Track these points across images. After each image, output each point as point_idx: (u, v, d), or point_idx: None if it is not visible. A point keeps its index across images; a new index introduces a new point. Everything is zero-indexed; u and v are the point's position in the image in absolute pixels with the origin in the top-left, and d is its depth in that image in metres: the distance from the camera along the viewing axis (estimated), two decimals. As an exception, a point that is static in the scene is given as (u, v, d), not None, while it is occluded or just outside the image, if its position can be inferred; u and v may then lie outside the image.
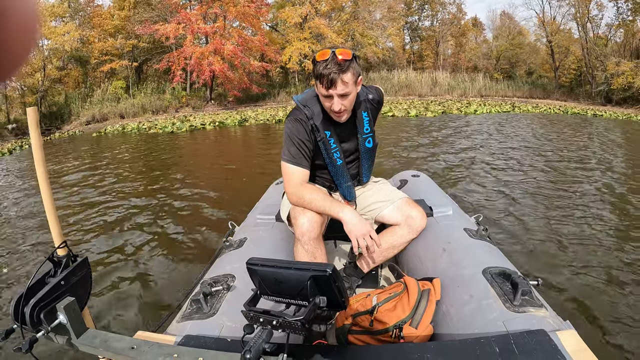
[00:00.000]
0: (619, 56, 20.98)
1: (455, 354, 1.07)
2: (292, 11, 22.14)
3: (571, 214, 4.14)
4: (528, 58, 29.04)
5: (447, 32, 29.71)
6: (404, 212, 1.86)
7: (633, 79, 18.92)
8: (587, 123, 13.27)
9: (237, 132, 13.40)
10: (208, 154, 9.63)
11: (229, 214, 4.32)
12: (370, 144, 1.90)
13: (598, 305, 2.54)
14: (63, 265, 1.23)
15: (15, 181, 7.50)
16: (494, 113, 16.45)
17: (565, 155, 7.37)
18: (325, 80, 1.56)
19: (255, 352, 0.86)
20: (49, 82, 18.87)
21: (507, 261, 1.64)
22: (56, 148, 11.89)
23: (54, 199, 1.25)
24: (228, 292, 1.48)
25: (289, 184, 1.75)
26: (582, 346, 1.09)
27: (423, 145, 8.71)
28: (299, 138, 1.74)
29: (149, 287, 2.99)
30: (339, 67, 1.54)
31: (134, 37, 20.75)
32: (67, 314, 1.12)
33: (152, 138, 12.63)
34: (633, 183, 5.39)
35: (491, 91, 24.63)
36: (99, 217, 4.67)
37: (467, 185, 5.41)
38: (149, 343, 1.10)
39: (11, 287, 3.09)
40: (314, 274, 0.91)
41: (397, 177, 2.97)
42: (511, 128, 11.65)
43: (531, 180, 5.55)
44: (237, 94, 20.06)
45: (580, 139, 9.61)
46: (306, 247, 1.69)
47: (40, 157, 1.19)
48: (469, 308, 1.37)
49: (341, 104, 1.62)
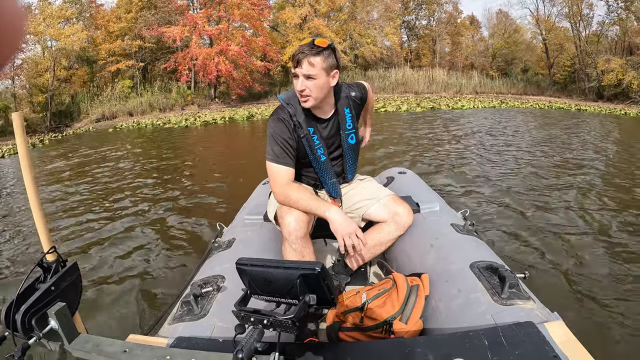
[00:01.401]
0: (610, 53, 21.35)
1: (445, 347, 1.09)
2: (292, 12, 22.59)
3: (555, 207, 4.20)
4: (524, 56, 29.33)
5: (443, 31, 29.97)
6: (390, 209, 1.88)
7: (623, 76, 19.25)
8: (569, 117, 13.77)
9: (245, 126, 14.51)
10: (214, 149, 10.06)
11: (220, 215, 4.31)
12: (354, 140, 1.92)
13: (586, 295, 2.59)
14: (53, 270, 1.22)
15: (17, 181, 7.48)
16: (480, 108, 16.90)
17: (548, 149, 7.51)
18: (294, 59, 1.64)
19: (247, 352, 0.87)
20: (58, 82, 19.08)
21: (494, 255, 1.66)
22: (70, 143, 12.50)
23: (41, 204, 1.24)
24: (218, 293, 1.48)
25: (275, 183, 1.76)
26: (570, 337, 1.11)
27: (403, 136, 9.11)
28: (282, 137, 1.75)
29: (140, 289, 2.97)
30: (310, 50, 1.61)
31: (139, 38, 21.07)
32: (59, 319, 1.12)
33: (168, 132, 13.63)
34: (615, 172, 5.50)
35: (486, 88, 24.98)
36: (89, 219, 4.63)
37: (442, 174, 5.54)
38: (141, 346, 1.10)
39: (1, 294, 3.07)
40: (303, 272, 0.92)
41: (384, 175, 2.98)
42: (494, 122, 12.03)
43: (515, 173, 5.64)
44: (241, 92, 20.52)
45: (564, 131, 9.92)
46: (294, 246, 1.70)
47: (27, 162, 1.18)
48: (458, 302, 1.38)
49: (305, 85, 1.65)
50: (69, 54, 19.26)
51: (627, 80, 18.94)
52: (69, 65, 20.11)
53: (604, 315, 2.38)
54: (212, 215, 4.38)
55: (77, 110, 18.79)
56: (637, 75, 18.63)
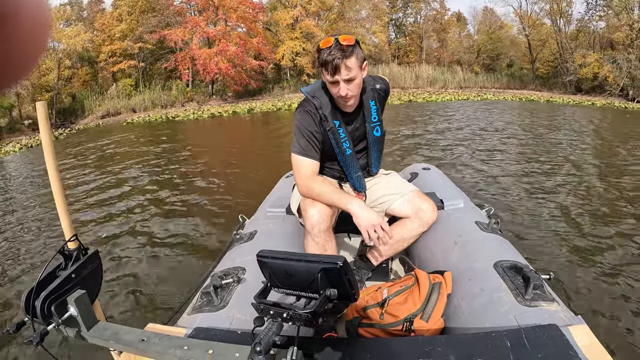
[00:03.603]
0: (591, 49, 22.69)
1: (467, 347, 1.06)
2: (284, 13, 23.72)
3: (582, 207, 4.09)
4: (509, 51, 30.11)
5: (430, 28, 30.75)
6: (414, 205, 1.85)
7: (598, 70, 20.35)
8: (534, 107, 15.40)
9: (247, 118, 15.65)
10: (225, 140, 10.78)
11: (240, 207, 4.33)
12: (379, 133, 1.89)
13: (610, 300, 2.52)
14: (74, 258, 1.23)
15: (35, 173, 7.66)
16: (454, 101, 18.03)
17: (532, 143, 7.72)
18: (329, 67, 1.57)
19: (266, 345, 0.86)
20: (61, 81, 20.06)
21: (518, 255, 1.62)
22: (85, 137, 13.07)
23: (64, 192, 1.25)
24: (238, 285, 1.48)
25: (299, 175, 1.75)
26: (594, 341, 1.08)
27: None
28: (308, 130, 1.74)
29: (160, 280, 3.01)
30: (343, 53, 1.55)
31: (141, 41, 22.07)
32: (78, 306, 1.12)
33: (180, 125, 14.56)
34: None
35: (470, 83, 25.66)
36: (112, 208, 4.72)
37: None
38: (159, 335, 1.10)
39: (22, 281, 3.13)
40: (325, 267, 0.90)
41: (408, 170, 2.95)
42: (461, 114, 13.10)
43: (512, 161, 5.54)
44: (238, 89, 21.66)
45: (542, 122, 10.82)
46: (316, 239, 1.68)
47: (50, 150, 1.19)
48: (480, 301, 1.35)
49: (347, 89, 1.61)
50: (71, 54, 20.21)
51: (602, 74, 20.00)
52: (72, 65, 21.04)
53: (629, 322, 2.31)
54: (234, 207, 4.41)
55: (80, 108, 19.74)
56: (611, 69, 19.61)
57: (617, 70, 19.47)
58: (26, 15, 0.21)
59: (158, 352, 1.04)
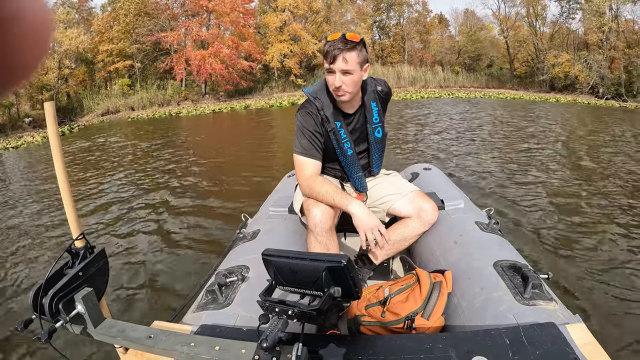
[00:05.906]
0: (563, 50, 24.18)
1: (467, 344, 1.08)
2: (273, 17, 24.71)
3: (582, 208, 4.12)
4: (489, 52, 31.31)
5: (412, 30, 31.56)
6: (415, 205, 1.87)
7: (569, 69, 21.69)
8: (506, 103, 16.66)
9: (244, 114, 16.70)
10: (228, 136, 11.30)
11: (243, 206, 4.36)
12: (380, 134, 1.91)
13: (607, 300, 2.54)
14: (81, 256, 1.24)
15: (39, 171, 7.68)
16: (425, 98, 19.21)
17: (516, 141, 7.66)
18: (329, 55, 1.62)
19: (272, 341, 0.87)
20: (60, 80, 20.53)
21: (518, 255, 1.64)
22: (91, 133, 13.21)
23: (71, 191, 1.26)
24: (242, 283, 1.50)
25: (301, 175, 1.78)
26: (591, 339, 1.09)
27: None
28: (309, 130, 1.76)
29: (165, 278, 3.03)
30: (344, 45, 1.60)
31: (136, 42, 22.84)
32: (85, 304, 1.14)
33: (183, 120, 15.22)
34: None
35: (450, 82, 26.68)
36: (117, 207, 4.73)
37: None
38: (165, 332, 1.11)
39: (30, 277, 3.15)
40: (329, 265, 0.92)
41: (409, 170, 2.97)
42: (432, 110, 14.54)
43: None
44: (229, 88, 22.62)
45: (522, 119, 11.67)
46: (319, 238, 1.70)
47: (58, 149, 1.20)
48: (480, 300, 1.37)
49: (342, 81, 1.64)
50: (72, 55, 20.94)
51: (572, 73, 21.46)
52: (70, 65, 21.65)
53: (627, 321, 2.33)
54: (237, 206, 4.42)
55: (79, 106, 20.34)
56: (582, 69, 21.02)
57: (587, 69, 20.67)
58: (28, 18, 0.21)
59: (165, 348, 1.05)
